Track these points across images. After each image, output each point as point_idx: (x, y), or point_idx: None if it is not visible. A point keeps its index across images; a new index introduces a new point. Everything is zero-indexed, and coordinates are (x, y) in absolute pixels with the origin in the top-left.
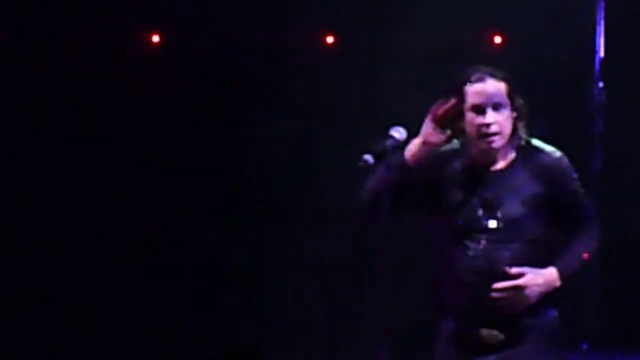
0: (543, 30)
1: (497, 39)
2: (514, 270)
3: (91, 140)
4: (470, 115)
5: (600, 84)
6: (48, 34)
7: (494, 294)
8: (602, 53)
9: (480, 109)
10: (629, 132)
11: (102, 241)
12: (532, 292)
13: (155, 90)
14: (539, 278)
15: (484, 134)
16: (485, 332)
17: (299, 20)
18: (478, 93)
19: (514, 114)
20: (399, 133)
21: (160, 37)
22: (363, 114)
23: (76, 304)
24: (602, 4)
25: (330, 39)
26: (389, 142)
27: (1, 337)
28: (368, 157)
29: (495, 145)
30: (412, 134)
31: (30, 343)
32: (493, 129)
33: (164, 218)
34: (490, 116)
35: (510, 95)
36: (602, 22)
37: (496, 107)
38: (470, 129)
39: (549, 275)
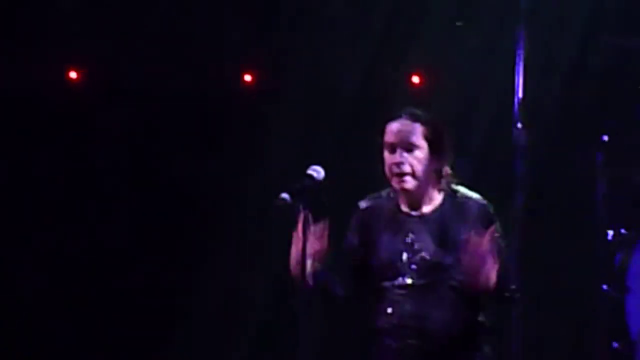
0: (466, 70)
1: (415, 79)
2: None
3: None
4: (385, 154)
5: (519, 125)
6: None
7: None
8: (520, 94)
9: (392, 148)
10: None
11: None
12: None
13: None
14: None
15: (395, 173)
16: None
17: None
18: (391, 131)
19: (432, 158)
20: (316, 172)
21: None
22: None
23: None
24: (522, 46)
25: (248, 78)
26: (306, 181)
27: None
28: (285, 196)
29: (406, 186)
30: (330, 173)
31: None
32: (403, 169)
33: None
34: (400, 156)
35: (427, 137)
36: (521, 64)
37: (408, 147)
38: (386, 168)
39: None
